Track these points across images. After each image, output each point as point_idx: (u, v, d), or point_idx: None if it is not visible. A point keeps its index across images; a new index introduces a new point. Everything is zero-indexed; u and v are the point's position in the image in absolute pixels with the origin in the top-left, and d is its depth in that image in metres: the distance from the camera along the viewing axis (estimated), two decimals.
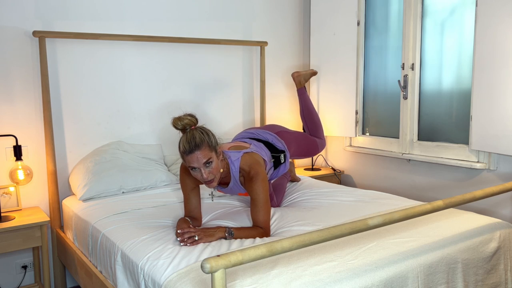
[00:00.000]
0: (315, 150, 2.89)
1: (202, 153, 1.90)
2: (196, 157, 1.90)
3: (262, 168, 2.11)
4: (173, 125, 1.95)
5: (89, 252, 2.35)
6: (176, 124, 1.95)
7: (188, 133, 1.93)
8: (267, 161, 2.31)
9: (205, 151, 1.91)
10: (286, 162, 2.47)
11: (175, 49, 3.25)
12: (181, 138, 1.95)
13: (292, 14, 3.81)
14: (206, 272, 1.24)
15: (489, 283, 2.00)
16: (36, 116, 2.80)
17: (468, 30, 2.85)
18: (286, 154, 2.47)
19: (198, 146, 1.89)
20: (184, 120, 1.94)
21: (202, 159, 1.91)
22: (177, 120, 1.94)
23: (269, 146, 2.42)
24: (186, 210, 2.19)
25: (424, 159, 3.08)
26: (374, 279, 1.61)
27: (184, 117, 1.95)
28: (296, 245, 1.40)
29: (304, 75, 3.03)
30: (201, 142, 1.90)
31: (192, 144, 1.89)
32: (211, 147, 1.94)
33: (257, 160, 2.15)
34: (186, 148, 1.90)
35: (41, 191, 2.85)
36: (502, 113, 2.57)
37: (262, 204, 2.03)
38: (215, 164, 1.96)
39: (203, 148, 1.90)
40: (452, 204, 1.84)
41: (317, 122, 2.97)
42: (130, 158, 2.97)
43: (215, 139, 1.98)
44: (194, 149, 1.89)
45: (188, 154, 1.91)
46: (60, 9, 2.82)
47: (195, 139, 1.90)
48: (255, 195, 2.04)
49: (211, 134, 1.97)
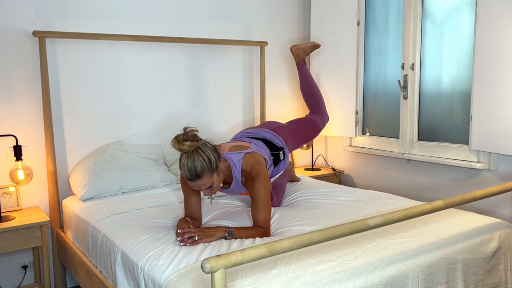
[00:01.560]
0: (316, 130, 2.81)
1: (203, 181, 1.91)
2: (197, 184, 1.93)
3: (264, 168, 2.11)
4: (172, 147, 1.91)
5: (89, 252, 2.35)
6: (174, 147, 1.91)
7: (188, 157, 1.89)
8: (267, 159, 2.32)
9: (206, 179, 1.91)
10: (286, 158, 2.47)
11: (175, 49, 3.25)
12: (182, 158, 1.91)
13: (292, 14, 3.81)
14: (206, 272, 1.24)
15: (489, 283, 2.00)
16: (36, 116, 2.80)
17: (468, 30, 2.85)
18: (285, 150, 2.47)
19: (199, 176, 1.89)
20: (183, 147, 1.88)
21: (204, 186, 1.93)
22: (176, 145, 1.89)
23: (268, 144, 2.42)
24: (186, 211, 2.19)
25: (424, 159, 3.08)
26: (374, 279, 1.61)
27: (183, 142, 1.89)
28: (296, 245, 1.40)
29: (304, 48, 2.95)
30: (202, 171, 1.89)
31: (193, 175, 1.89)
32: (212, 172, 1.92)
33: (258, 160, 2.16)
34: (187, 176, 1.90)
35: (41, 191, 2.85)
36: (502, 113, 2.57)
37: (263, 204, 2.03)
38: (216, 184, 1.98)
39: (204, 176, 1.90)
40: (452, 204, 1.84)
41: (318, 95, 2.88)
42: (130, 158, 2.97)
43: (216, 159, 1.93)
44: (195, 179, 1.90)
45: (189, 181, 1.93)
46: (60, 9, 2.82)
47: (196, 169, 1.88)
48: (256, 194, 2.04)
49: (211, 156, 1.92)
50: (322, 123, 2.85)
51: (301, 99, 3.93)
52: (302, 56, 2.97)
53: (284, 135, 2.57)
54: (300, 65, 2.96)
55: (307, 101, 2.93)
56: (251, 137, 2.46)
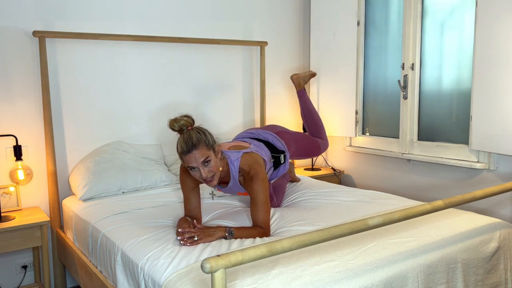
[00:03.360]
0: (317, 150, 2.88)
1: (199, 152, 1.92)
2: (194, 157, 1.92)
3: (262, 168, 2.11)
4: (170, 127, 1.97)
5: (89, 252, 2.35)
6: (172, 125, 1.97)
7: (185, 133, 1.95)
8: (267, 161, 2.31)
9: (202, 150, 1.93)
10: (286, 162, 2.47)
11: (175, 49, 3.25)
12: (178, 139, 1.97)
13: (292, 14, 3.81)
14: (206, 272, 1.24)
15: (489, 283, 2.00)
16: (36, 116, 2.80)
17: (468, 30, 2.85)
18: (286, 154, 2.47)
19: (195, 145, 1.91)
20: (180, 121, 1.96)
21: (200, 158, 1.92)
22: (173, 122, 1.96)
23: (269, 146, 2.42)
24: (186, 210, 2.19)
25: (424, 159, 3.08)
26: (374, 279, 1.61)
27: (180, 118, 1.97)
28: (296, 245, 1.40)
29: (303, 77, 3.05)
30: (198, 141, 1.92)
31: (189, 144, 1.91)
32: (208, 146, 1.95)
33: (256, 160, 2.16)
34: (184, 148, 1.92)
35: (41, 191, 2.85)
36: (502, 113, 2.57)
37: (262, 204, 2.03)
38: (213, 163, 1.97)
39: (200, 147, 1.92)
40: (452, 204, 1.84)
41: (319, 123, 2.96)
42: (130, 158, 2.97)
43: (212, 138, 1.99)
44: (192, 149, 1.91)
45: (186, 154, 1.93)
46: (60, 9, 2.82)
47: (192, 139, 1.92)
48: (255, 195, 2.04)
49: (207, 133, 1.98)
50: (323, 148, 2.91)
51: None
52: (302, 85, 3.05)
53: (288, 140, 2.58)
54: (301, 93, 3.02)
55: (308, 127, 2.98)
56: (253, 137, 2.46)
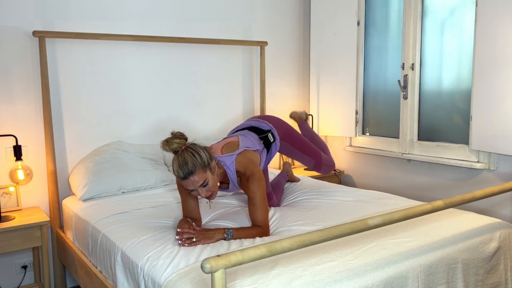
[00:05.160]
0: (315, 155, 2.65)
1: (197, 177, 1.89)
2: (191, 182, 1.90)
3: (257, 167, 2.11)
4: (162, 149, 1.93)
5: (89, 252, 2.35)
6: (164, 149, 1.92)
7: (179, 156, 1.90)
8: (258, 146, 2.30)
9: (199, 175, 1.90)
10: (276, 141, 2.45)
11: (175, 49, 3.25)
12: (173, 161, 1.92)
13: (292, 14, 3.81)
14: (206, 272, 1.24)
15: (489, 283, 2.00)
16: (36, 116, 2.80)
17: (468, 30, 2.85)
18: (273, 132, 2.44)
19: (191, 172, 1.88)
20: (173, 145, 1.90)
21: (198, 182, 1.91)
22: (166, 145, 1.91)
23: (255, 130, 2.42)
24: (184, 212, 2.17)
25: (424, 159, 3.08)
26: (374, 279, 1.61)
27: (172, 141, 1.91)
28: (296, 245, 1.40)
29: (300, 114, 3.10)
30: (193, 167, 1.88)
31: (186, 171, 1.88)
32: (205, 168, 1.91)
33: (250, 159, 2.15)
34: (180, 174, 1.89)
35: (41, 191, 2.85)
36: (502, 113, 2.57)
37: (259, 203, 2.03)
38: (211, 183, 1.95)
39: (197, 172, 1.89)
40: (452, 204, 1.84)
41: (322, 143, 2.89)
42: (130, 158, 2.96)
43: (207, 156, 1.93)
44: (188, 176, 1.88)
45: (183, 180, 1.91)
46: (60, 9, 2.82)
47: (188, 165, 1.87)
48: (252, 194, 2.05)
49: (202, 153, 1.92)
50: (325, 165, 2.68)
51: (301, 99, 3.94)
52: (303, 118, 3.08)
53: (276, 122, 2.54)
54: (302, 124, 3.05)
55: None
56: (239, 129, 2.47)
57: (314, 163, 2.63)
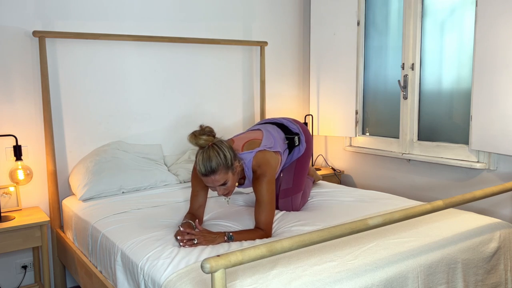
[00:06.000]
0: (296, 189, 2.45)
1: (218, 177, 1.91)
2: (211, 180, 1.93)
3: (271, 169, 2.09)
4: (189, 141, 1.94)
5: (89, 252, 2.35)
6: (191, 142, 1.94)
7: (204, 152, 1.91)
8: (280, 148, 2.27)
9: (221, 175, 1.92)
10: (301, 146, 2.43)
11: (175, 49, 3.25)
12: (198, 154, 1.93)
13: (292, 14, 3.81)
14: (206, 272, 1.24)
15: (489, 283, 2.00)
16: (36, 116, 2.80)
17: (468, 30, 2.85)
18: (300, 137, 2.43)
19: (214, 171, 1.90)
20: (200, 140, 1.92)
21: (218, 182, 1.93)
22: (193, 139, 1.93)
23: (284, 128, 2.40)
24: (191, 206, 2.18)
25: (424, 159, 3.08)
26: (374, 279, 1.61)
27: (200, 136, 1.92)
28: (296, 245, 1.40)
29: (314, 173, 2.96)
30: (217, 166, 1.89)
31: (208, 169, 1.89)
32: (227, 168, 1.93)
33: (268, 159, 2.13)
34: (202, 171, 1.91)
35: (41, 191, 2.85)
36: (502, 113, 2.57)
37: (265, 205, 2.02)
38: (230, 183, 1.97)
39: (219, 172, 1.91)
40: (452, 204, 1.84)
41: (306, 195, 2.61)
42: (130, 158, 2.96)
43: (231, 156, 1.94)
44: (210, 174, 1.90)
45: (204, 177, 1.93)
46: (60, 9, 2.82)
47: (211, 163, 1.89)
48: (259, 195, 2.04)
49: (227, 153, 1.93)
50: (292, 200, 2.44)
51: (301, 99, 3.94)
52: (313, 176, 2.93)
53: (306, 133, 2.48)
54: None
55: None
56: (267, 122, 2.44)
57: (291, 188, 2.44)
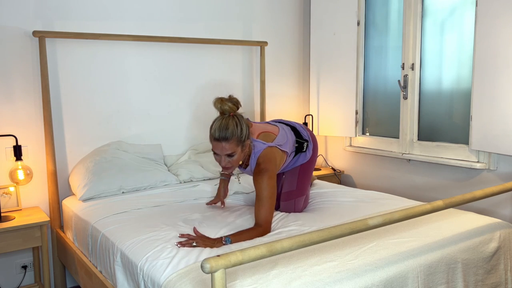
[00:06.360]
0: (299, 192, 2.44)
1: (228, 145, 1.99)
2: (221, 146, 1.99)
3: (274, 167, 2.13)
4: (214, 105, 2.03)
5: (89, 252, 2.35)
6: (216, 106, 2.03)
7: (224, 119, 2.00)
8: (289, 149, 2.30)
9: (231, 145, 1.99)
10: (307, 152, 2.45)
11: (175, 49, 3.25)
12: (216, 119, 2.02)
13: (292, 14, 3.81)
14: (206, 272, 1.24)
15: (489, 283, 2.00)
16: (36, 116, 2.80)
17: (468, 30, 2.85)
18: (309, 145, 2.46)
19: (227, 138, 1.98)
20: (225, 106, 2.01)
21: (226, 151, 1.99)
22: (218, 103, 2.03)
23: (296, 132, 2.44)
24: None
25: (424, 159, 3.08)
26: (374, 279, 1.61)
27: (226, 102, 2.02)
28: (296, 245, 1.40)
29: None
30: (231, 135, 1.98)
31: (222, 134, 1.97)
32: (239, 142, 2.01)
33: (275, 157, 2.17)
34: (216, 135, 1.99)
35: (41, 191, 2.85)
36: (502, 113, 2.57)
37: (265, 200, 2.05)
38: (236, 157, 2.03)
39: (231, 141, 1.98)
40: (452, 204, 1.84)
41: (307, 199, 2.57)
42: (130, 158, 2.97)
43: (246, 133, 2.04)
44: (222, 140, 1.98)
45: (215, 141, 2.00)
46: (60, 9, 2.82)
47: (227, 131, 1.97)
48: (258, 190, 2.07)
49: (244, 128, 2.03)
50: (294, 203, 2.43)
51: (301, 99, 3.94)
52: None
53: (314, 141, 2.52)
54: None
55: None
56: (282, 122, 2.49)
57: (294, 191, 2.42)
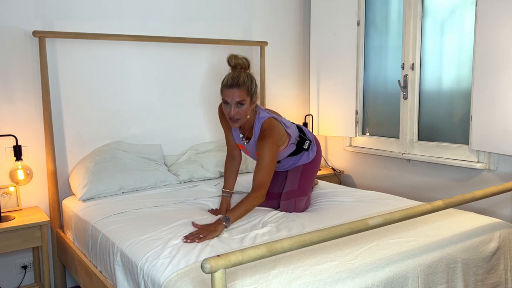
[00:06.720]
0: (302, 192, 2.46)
1: (239, 92, 2.11)
2: (232, 93, 2.11)
3: (277, 135, 2.22)
4: (228, 60, 2.16)
5: (89, 252, 2.35)
6: (230, 60, 2.16)
7: (236, 71, 2.15)
8: (291, 137, 2.38)
9: (242, 92, 2.11)
10: (310, 152, 2.50)
11: (175, 49, 3.25)
12: (229, 72, 2.17)
13: (292, 14, 3.81)
14: (206, 272, 1.24)
15: (489, 283, 2.00)
16: (36, 116, 2.80)
17: (468, 30, 2.85)
18: (312, 145, 2.52)
19: (238, 85, 2.11)
20: (238, 59, 2.16)
21: (237, 97, 2.11)
22: (233, 57, 2.16)
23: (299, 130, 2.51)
24: (228, 148, 2.46)
25: (424, 159, 3.08)
26: (374, 279, 1.61)
27: (240, 57, 2.16)
28: (296, 245, 1.40)
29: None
30: (243, 83, 2.11)
31: (235, 81, 2.11)
32: (248, 92, 2.14)
33: (277, 127, 2.26)
34: (228, 82, 2.11)
35: (41, 191, 2.85)
36: (502, 113, 2.57)
37: (265, 164, 2.13)
38: (245, 107, 2.14)
39: (242, 89, 2.10)
40: (452, 204, 1.84)
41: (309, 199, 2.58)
42: (130, 158, 2.96)
43: (256, 89, 2.18)
44: (234, 86, 2.11)
45: (227, 88, 2.11)
46: (60, 9, 2.82)
47: (239, 78, 2.11)
48: (261, 153, 2.15)
49: (254, 83, 2.17)
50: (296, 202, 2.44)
51: (301, 99, 3.94)
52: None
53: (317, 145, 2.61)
54: None
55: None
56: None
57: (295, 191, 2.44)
